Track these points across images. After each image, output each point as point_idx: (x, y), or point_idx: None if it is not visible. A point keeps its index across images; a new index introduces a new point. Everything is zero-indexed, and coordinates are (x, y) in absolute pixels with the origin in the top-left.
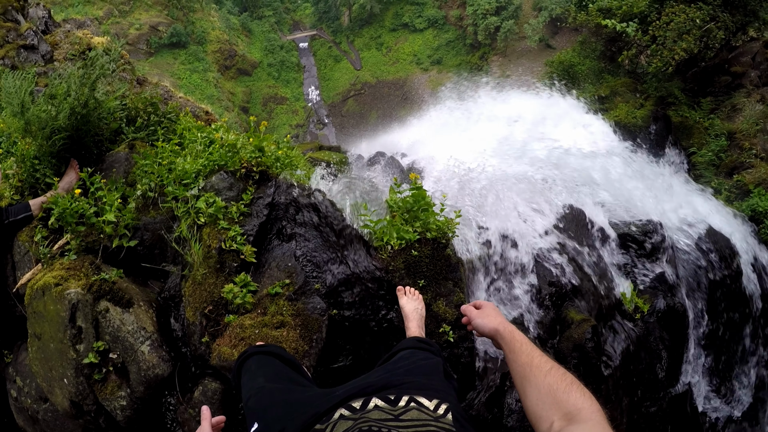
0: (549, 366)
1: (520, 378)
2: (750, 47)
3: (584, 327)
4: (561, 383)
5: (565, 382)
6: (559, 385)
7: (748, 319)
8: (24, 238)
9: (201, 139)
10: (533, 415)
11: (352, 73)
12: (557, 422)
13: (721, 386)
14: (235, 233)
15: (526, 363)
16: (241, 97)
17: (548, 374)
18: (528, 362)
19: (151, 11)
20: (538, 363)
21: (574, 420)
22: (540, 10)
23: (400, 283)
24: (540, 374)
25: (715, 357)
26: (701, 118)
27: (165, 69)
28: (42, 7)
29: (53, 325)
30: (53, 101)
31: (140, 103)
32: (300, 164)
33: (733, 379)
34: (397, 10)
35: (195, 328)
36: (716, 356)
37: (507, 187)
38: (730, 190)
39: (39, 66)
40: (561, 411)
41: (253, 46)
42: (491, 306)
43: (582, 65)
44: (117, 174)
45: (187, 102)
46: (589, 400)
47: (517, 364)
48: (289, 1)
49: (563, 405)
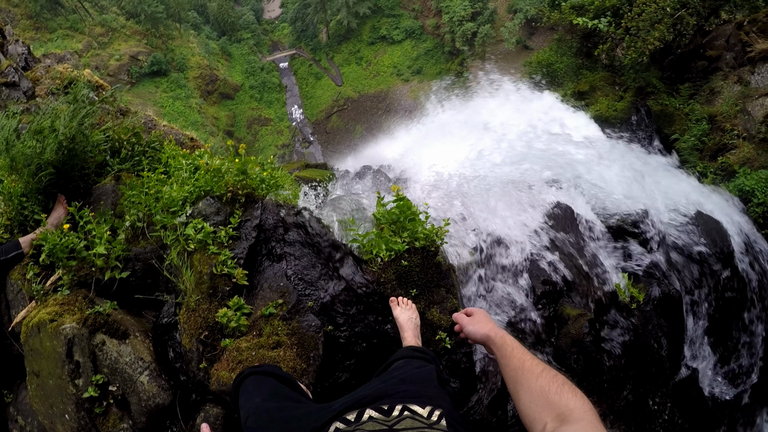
0: (540, 369)
1: (513, 382)
2: (723, 30)
3: (581, 322)
4: (552, 385)
5: (557, 383)
6: (550, 386)
7: (746, 299)
8: (16, 276)
9: (186, 166)
10: (527, 417)
11: (333, 90)
12: (550, 423)
13: (725, 366)
14: (226, 257)
15: (518, 367)
16: (225, 121)
17: (539, 377)
18: (519, 366)
19: (130, 41)
20: (530, 366)
21: (567, 420)
22: (515, 13)
23: (392, 294)
24: (531, 377)
25: (716, 339)
26: (681, 105)
27: (148, 98)
28: (21, 44)
29: (51, 362)
30: (38, 137)
31: (123, 134)
32: (286, 184)
33: (738, 359)
34: (374, 23)
35: (192, 355)
36: (718, 338)
37: (494, 189)
38: (716, 172)
39: (21, 103)
40: (553, 412)
41: (233, 70)
42: (482, 312)
43: (560, 63)
44: (105, 206)
45: (171, 130)
46: (581, 400)
47: (509, 368)
48: (266, 22)
49: (555, 406)
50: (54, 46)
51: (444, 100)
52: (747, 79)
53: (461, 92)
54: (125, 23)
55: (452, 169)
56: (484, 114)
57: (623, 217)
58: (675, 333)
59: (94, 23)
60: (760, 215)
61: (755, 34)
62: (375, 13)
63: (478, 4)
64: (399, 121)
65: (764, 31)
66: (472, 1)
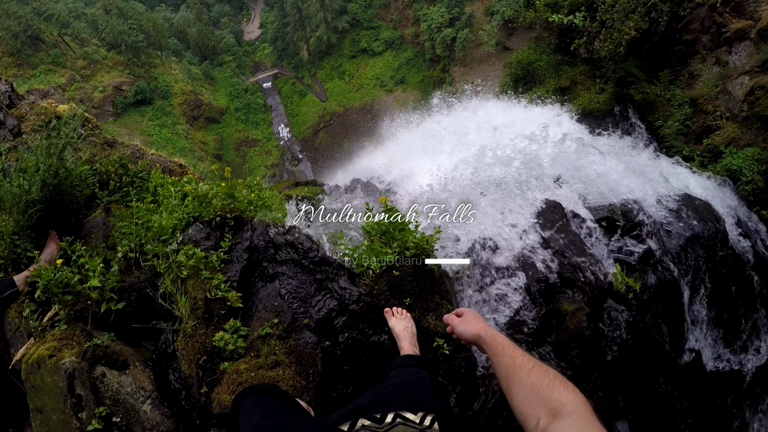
0: (531, 364)
1: (505, 379)
2: (697, 13)
3: (579, 316)
4: (544, 380)
5: (548, 378)
6: (542, 382)
7: (743, 275)
8: (13, 315)
9: (175, 193)
10: (520, 414)
11: (318, 106)
12: (543, 418)
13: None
14: (219, 281)
15: (509, 364)
16: (213, 146)
17: (531, 372)
18: (511, 363)
19: (113, 72)
20: (521, 363)
21: (559, 414)
22: (492, 15)
23: (386, 304)
24: (523, 373)
25: (719, 318)
26: (662, 91)
27: (134, 128)
28: (4, 82)
29: (53, 397)
30: (25, 175)
31: (110, 166)
32: (274, 204)
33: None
34: (354, 37)
35: (193, 380)
36: (720, 317)
37: (482, 190)
38: (702, 155)
39: (8, 141)
40: (546, 407)
41: (217, 93)
42: (472, 312)
43: (540, 61)
44: (96, 239)
45: (159, 158)
46: (573, 393)
47: (501, 366)
48: (246, 44)
49: (548, 401)
50: (37, 82)
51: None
52: (725, 59)
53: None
54: (107, 54)
55: (444, 174)
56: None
57: (613, 208)
58: (675, 318)
59: (76, 56)
60: (750, 193)
61: (729, 14)
62: (354, 27)
63: (455, 10)
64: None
65: (737, 10)
66: (449, 6)
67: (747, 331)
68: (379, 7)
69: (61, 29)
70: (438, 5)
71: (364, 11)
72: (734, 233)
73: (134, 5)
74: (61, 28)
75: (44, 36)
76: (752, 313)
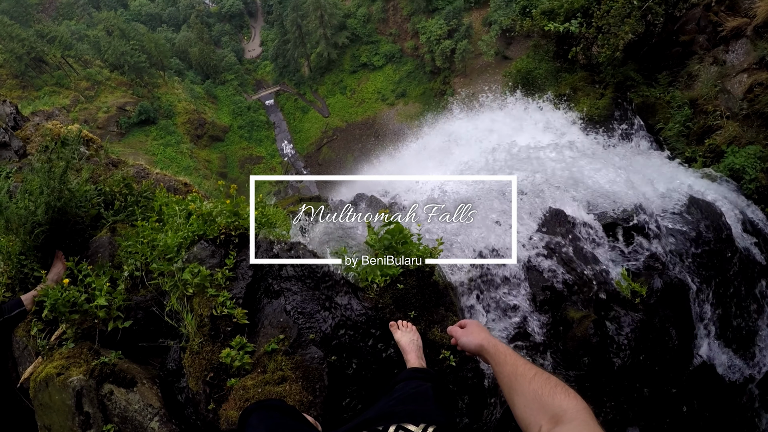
0: (533, 372)
1: (507, 388)
2: (692, 14)
3: (585, 323)
4: (545, 387)
5: (549, 385)
6: (543, 389)
7: (754, 275)
8: (21, 334)
9: (180, 211)
10: (523, 421)
11: (321, 121)
12: (545, 425)
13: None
14: (224, 298)
15: (511, 373)
16: (217, 164)
17: (533, 380)
18: (513, 372)
19: (116, 92)
20: (523, 371)
21: (560, 421)
22: (490, 25)
23: (391, 318)
24: (525, 381)
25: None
26: (661, 94)
27: (138, 147)
28: (9, 104)
29: (61, 415)
30: (30, 197)
31: (115, 186)
32: (278, 220)
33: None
34: (354, 52)
35: (200, 397)
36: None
37: (487, 202)
38: (705, 155)
39: (13, 162)
40: (547, 414)
41: (221, 112)
42: (475, 323)
43: (539, 69)
44: (102, 258)
45: (164, 177)
46: (574, 400)
47: (503, 375)
48: (248, 62)
49: (549, 408)
50: (42, 104)
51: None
52: (722, 58)
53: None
54: (110, 75)
55: (448, 185)
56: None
57: (617, 213)
58: (683, 321)
59: (80, 78)
60: (754, 191)
61: (724, 13)
62: (353, 42)
63: (453, 21)
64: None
65: (732, 8)
66: (447, 18)
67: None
68: (377, 22)
69: (64, 51)
70: (436, 17)
71: (363, 26)
72: (740, 232)
73: (136, 26)
74: (64, 50)
75: (48, 58)
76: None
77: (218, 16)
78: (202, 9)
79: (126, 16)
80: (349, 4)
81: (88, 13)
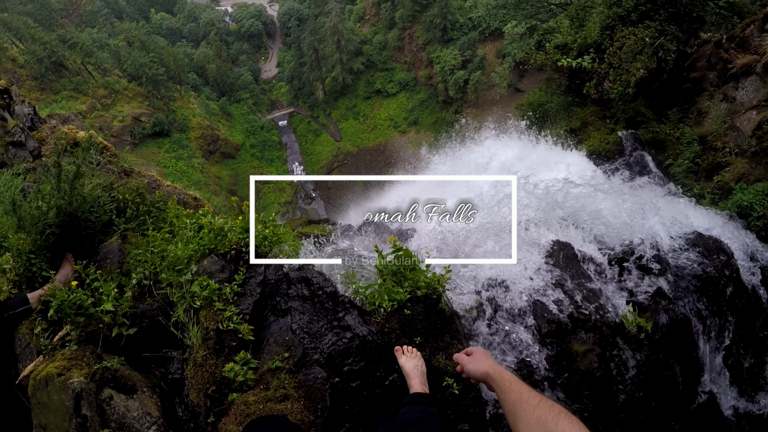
0: (537, 400)
1: (512, 415)
2: (703, 51)
3: (590, 357)
4: (549, 414)
5: (553, 412)
6: (547, 416)
7: (760, 312)
8: (24, 331)
9: (190, 225)
10: None
11: (333, 145)
12: None
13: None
14: (231, 313)
15: (516, 400)
16: (227, 180)
17: (537, 407)
18: (517, 399)
19: (133, 102)
20: (527, 398)
21: None
22: (504, 57)
23: (396, 343)
24: (529, 408)
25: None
26: (671, 130)
27: (151, 158)
28: (27, 104)
29: (58, 415)
30: (44, 198)
31: (128, 194)
32: (288, 240)
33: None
34: (368, 78)
35: (200, 410)
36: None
37: (493, 234)
38: (713, 192)
39: (27, 162)
40: None
41: (234, 129)
42: (481, 351)
43: (551, 103)
44: (111, 264)
45: (174, 190)
46: (577, 426)
47: (508, 402)
48: (264, 82)
49: None
50: (59, 107)
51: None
52: (732, 95)
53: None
54: (127, 85)
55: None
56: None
57: (624, 248)
58: (688, 358)
59: (98, 85)
60: (762, 228)
61: (734, 50)
62: (369, 68)
63: (467, 52)
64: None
65: (742, 45)
66: (462, 49)
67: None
68: (393, 50)
69: (84, 58)
70: (451, 47)
71: (378, 53)
72: (746, 269)
73: (156, 39)
74: (84, 57)
75: (68, 63)
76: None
77: (237, 34)
78: (222, 27)
79: (147, 29)
80: (365, 30)
81: (110, 22)
